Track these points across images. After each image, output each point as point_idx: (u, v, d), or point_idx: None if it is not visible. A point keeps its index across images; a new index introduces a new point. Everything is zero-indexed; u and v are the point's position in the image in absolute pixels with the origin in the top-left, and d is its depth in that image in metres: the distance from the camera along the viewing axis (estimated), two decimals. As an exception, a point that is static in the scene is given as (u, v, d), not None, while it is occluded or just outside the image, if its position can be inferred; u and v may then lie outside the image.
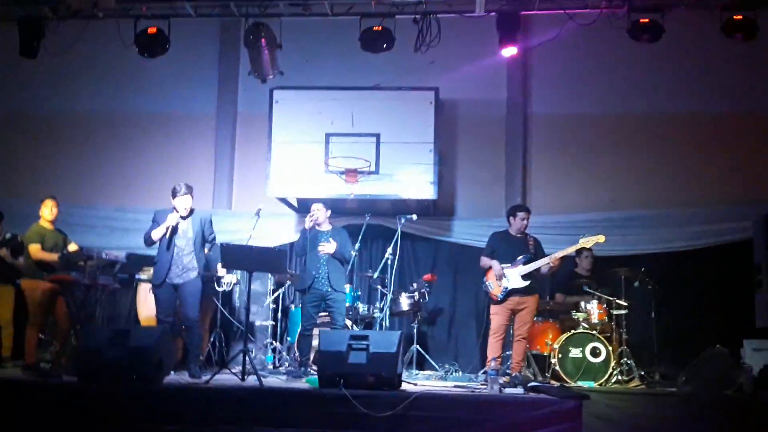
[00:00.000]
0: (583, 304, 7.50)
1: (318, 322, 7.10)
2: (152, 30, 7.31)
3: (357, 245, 6.94)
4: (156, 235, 6.63)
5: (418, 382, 6.72)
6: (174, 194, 6.67)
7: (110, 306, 8.34)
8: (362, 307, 7.83)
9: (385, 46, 7.13)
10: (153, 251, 7.17)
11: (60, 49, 7.44)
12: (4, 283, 7.50)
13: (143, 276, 7.79)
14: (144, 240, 6.75)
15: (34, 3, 7.37)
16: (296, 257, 7.89)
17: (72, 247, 7.29)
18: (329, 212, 7.19)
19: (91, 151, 9.33)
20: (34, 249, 7.12)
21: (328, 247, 6.94)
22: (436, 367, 7.86)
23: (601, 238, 7.04)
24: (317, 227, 7.08)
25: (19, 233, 7.54)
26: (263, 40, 7.07)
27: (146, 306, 7.74)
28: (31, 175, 9.24)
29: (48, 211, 7.27)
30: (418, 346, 7.78)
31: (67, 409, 5.37)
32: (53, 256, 7.13)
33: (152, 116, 9.35)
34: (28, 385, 5.75)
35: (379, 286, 7.86)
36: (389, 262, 7.41)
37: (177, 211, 6.65)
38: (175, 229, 6.63)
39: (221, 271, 7.60)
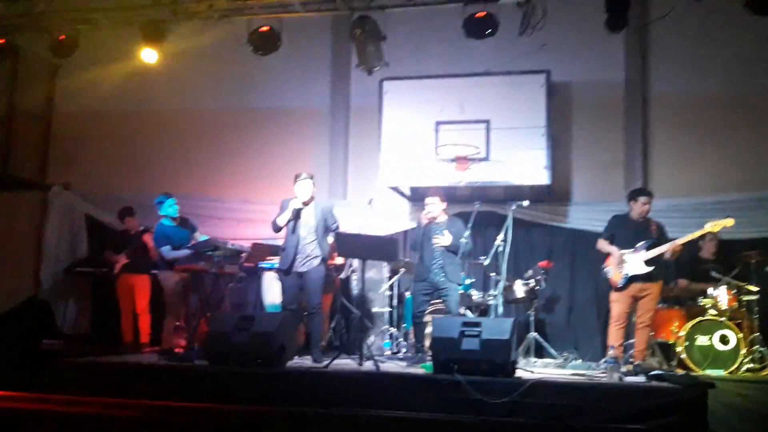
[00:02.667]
0: (710, 290, 7.15)
1: (430, 309, 7.15)
2: (264, 28, 7.56)
3: (467, 233, 6.92)
4: (281, 220, 6.87)
5: (535, 369, 6.65)
6: (295, 180, 6.90)
7: (237, 294, 8.78)
8: (476, 294, 7.82)
9: (488, 31, 7.06)
10: (278, 240, 7.51)
11: (180, 50, 7.84)
12: (140, 272, 8.11)
13: (267, 264, 8.12)
14: (272, 227, 6.98)
15: (153, 7, 7.81)
16: (411, 251, 7.89)
17: (197, 236, 7.75)
18: (445, 204, 7.13)
19: (216, 147, 9.77)
20: (166, 250, 7.63)
21: (443, 240, 6.89)
22: (555, 355, 7.74)
23: (730, 222, 6.67)
24: (433, 221, 7.08)
25: (152, 227, 8.14)
26: (367, 32, 7.16)
27: (270, 293, 8.06)
28: (160, 170, 9.78)
29: (172, 210, 7.75)
30: (536, 334, 7.70)
31: (199, 390, 5.75)
32: (185, 252, 7.61)
33: (270, 111, 9.67)
34: (166, 369, 6.17)
35: (493, 274, 7.83)
36: (500, 249, 7.35)
37: (298, 197, 6.87)
38: (297, 215, 6.84)
39: (339, 259, 7.82)
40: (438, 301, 7.19)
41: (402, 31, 7.73)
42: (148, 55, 8.01)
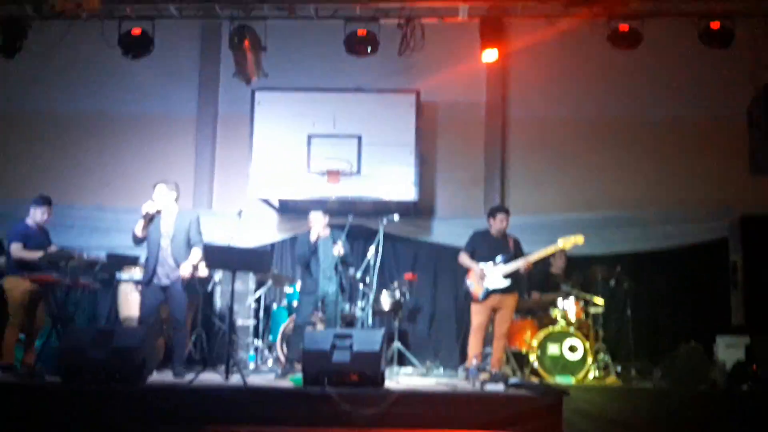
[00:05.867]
0: (560, 301, 7.64)
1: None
2: (136, 31, 7.30)
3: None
4: (137, 229, 6.55)
5: (400, 379, 6.81)
6: (153, 187, 6.66)
7: (90, 306, 8.31)
8: (345, 306, 7.89)
9: (369, 49, 7.21)
10: (134, 251, 7.18)
11: (43, 49, 7.39)
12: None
13: (124, 276, 7.76)
14: (132, 238, 6.68)
15: (17, 3, 7.32)
16: (299, 267, 7.71)
17: (53, 247, 7.26)
18: (327, 217, 7.25)
19: (72, 151, 9.27)
20: (16, 248, 7.08)
21: (340, 249, 7.01)
22: (417, 364, 7.96)
23: (580, 239, 7.18)
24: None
25: (-1, 231, 7.53)
26: (247, 42, 7.09)
27: (127, 306, 7.70)
28: (9, 173, 9.16)
29: (40, 214, 7.23)
30: (399, 344, 7.87)
31: (50, 409, 5.38)
32: (35, 255, 7.09)
33: (133, 116, 9.33)
34: (12, 386, 5.72)
35: (361, 285, 7.94)
36: (371, 262, 7.48)
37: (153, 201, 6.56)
38: (151, 220, 6.55)
39: (203, 271, 7.60)
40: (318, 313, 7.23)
41: (280, 42, 7.69)
42: (7, 52, 7.45)
